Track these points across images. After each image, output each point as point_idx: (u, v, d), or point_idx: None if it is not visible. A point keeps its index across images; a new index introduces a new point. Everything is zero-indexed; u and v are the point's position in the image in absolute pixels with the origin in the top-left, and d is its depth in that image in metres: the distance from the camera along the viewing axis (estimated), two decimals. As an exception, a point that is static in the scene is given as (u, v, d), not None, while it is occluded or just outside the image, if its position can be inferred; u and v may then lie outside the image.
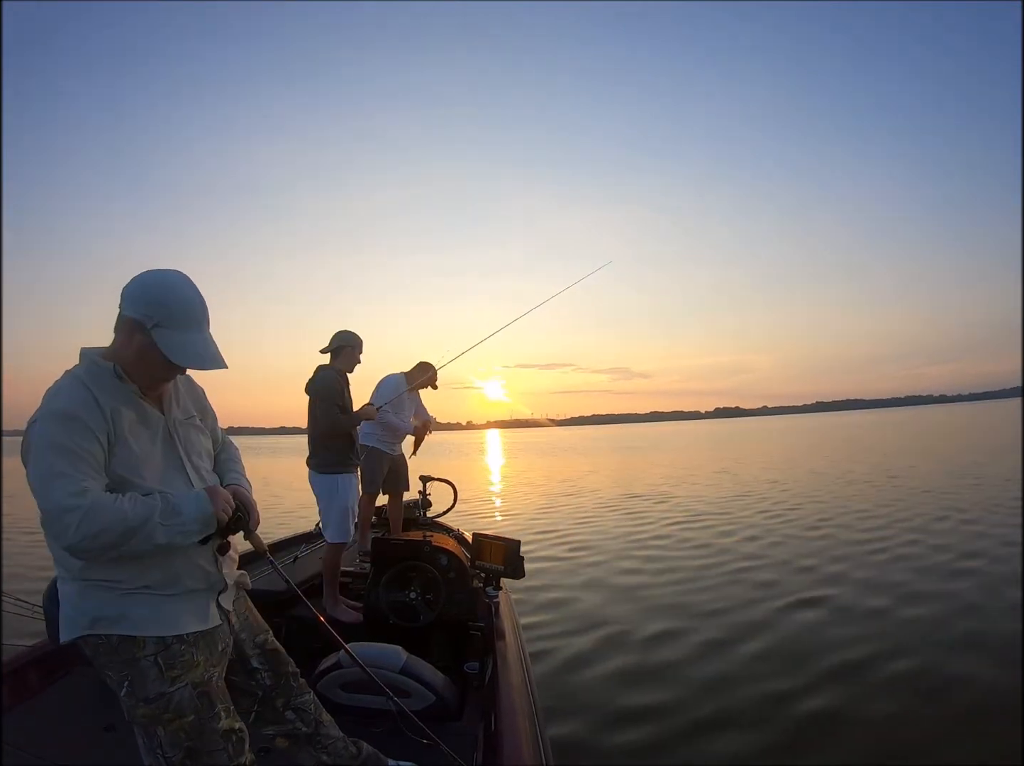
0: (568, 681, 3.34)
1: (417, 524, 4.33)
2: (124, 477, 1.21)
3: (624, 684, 3.29)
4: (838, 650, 3.60)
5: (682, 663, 3.55)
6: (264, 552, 1.44)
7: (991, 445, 18.94)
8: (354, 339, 3.19)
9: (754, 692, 3.14)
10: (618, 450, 32.11)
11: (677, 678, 3.35)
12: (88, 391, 1.20)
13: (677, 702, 3.07)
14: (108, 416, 1.21)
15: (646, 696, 3.15)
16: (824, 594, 4.69)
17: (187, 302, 1.26)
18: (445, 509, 4.62)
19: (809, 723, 2.83)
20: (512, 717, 1.81)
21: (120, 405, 1.24)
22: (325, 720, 1.62)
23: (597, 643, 3.91)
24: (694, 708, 3.01)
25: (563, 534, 7.75)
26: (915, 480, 11.07)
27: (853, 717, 2.87)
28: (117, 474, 1.20)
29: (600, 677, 3.38)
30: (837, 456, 18.54)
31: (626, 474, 16.83)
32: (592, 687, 3.26)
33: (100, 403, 1.20)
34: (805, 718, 2.87)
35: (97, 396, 1.21)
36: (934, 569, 5.26)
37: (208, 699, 1.28)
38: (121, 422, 1.23)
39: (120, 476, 1.21)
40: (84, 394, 1.20)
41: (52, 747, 1.89)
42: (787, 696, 3.08)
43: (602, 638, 3.99)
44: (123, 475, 1.21)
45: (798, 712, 2.92)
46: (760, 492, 10.84)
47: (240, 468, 1.55)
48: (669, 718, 2.92)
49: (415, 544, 2.85)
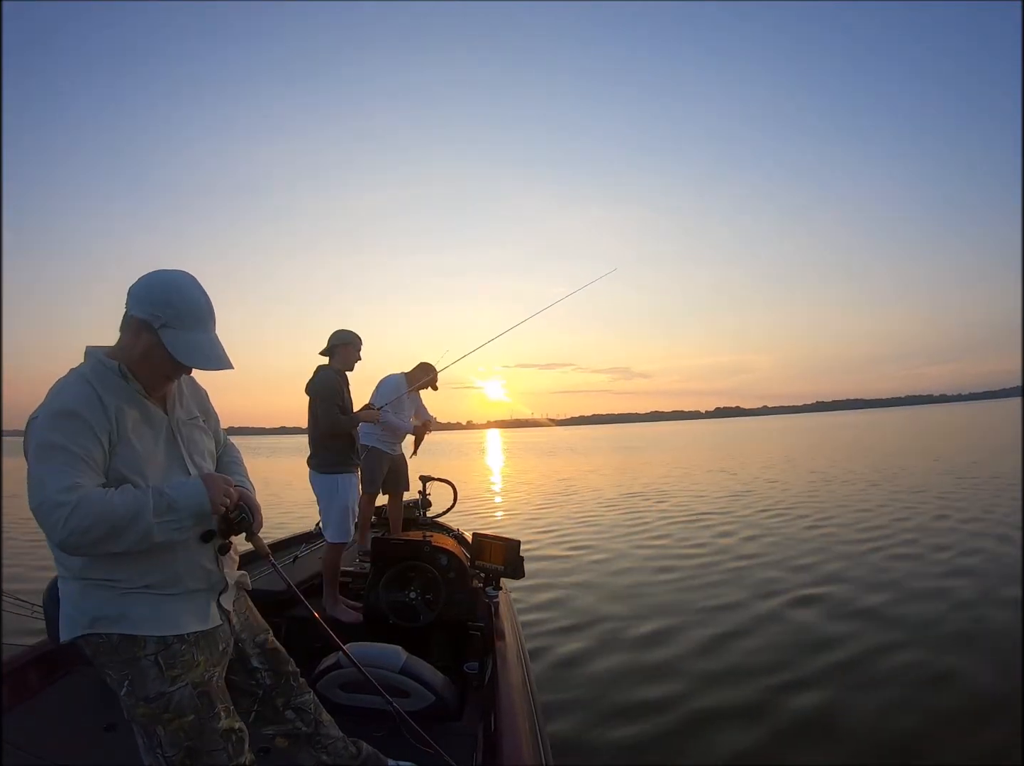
0: (568, 681, 3.34)
1: (417, 524, 4.32)
2: (126, 476, 1.21)
3: (624, 683, 3.29)
4: (836, 647, 3.61)
5: (681, 661, 3.55)
6: (266, 554, 1.44)
7: (991, 445, 18.95)
8: (351, 337, 3.18)
9: (753, 689, 3.14)
10: (618, 450, 32.11)
11: (677, 676, 3.35)
12: (92, 389, 1.21)
13: (677, 700, 3.08)
14: (112, 415, 1.21)
15: (646, 694, 3.15)
16: (821, 592, 4.69)
17: (194, 303, 1.27)
18: (445, 509, 4.62)
19: (805, 718, 2.85)
20: (512, 717, 1.81)
21: (124, 404, 1.24)
22: (325, 720, 1.62)
23: (597, 642, 3.91)
24: (694, 706, 3.01)
25: (563, 533, 7.75)
26: (913, 479, 11.08)
27: (846, 713, 2.88)
28: (119, 473, 1.20)
29: (600, 676, 3.39)
30: (836, 456, 18.56)
31: (626, 473, 16.82)
32: (592, 686, 3.26)
33: (104, 401, 1.20)
34: (801, 714, 2.88)
35: (101, 394, 1.21)
36: (932, 566, 5.27)
37: (208, 699, 1.28)
38: (125, 421, 1.23)
39: (122, 475, 1.21)
40: (88, 391, 1.20)
41: (52, 747, 1.89)
42: (784, 691, 3.09)
43: (602, 637, 3.99)
44: (125, 474, 1.21)
45: (795, 707, 2.94)
46: (759, 491, 10.84)
47: (243, 470, 1.56)
48: (669, 716, 2.93)
49: (415, 544, 2.85)
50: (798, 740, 2.69)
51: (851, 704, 2.96)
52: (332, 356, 3.17)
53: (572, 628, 4.18)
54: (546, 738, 1.87)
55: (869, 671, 3.31)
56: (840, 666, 3.38)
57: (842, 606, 4.38)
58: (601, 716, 2.94)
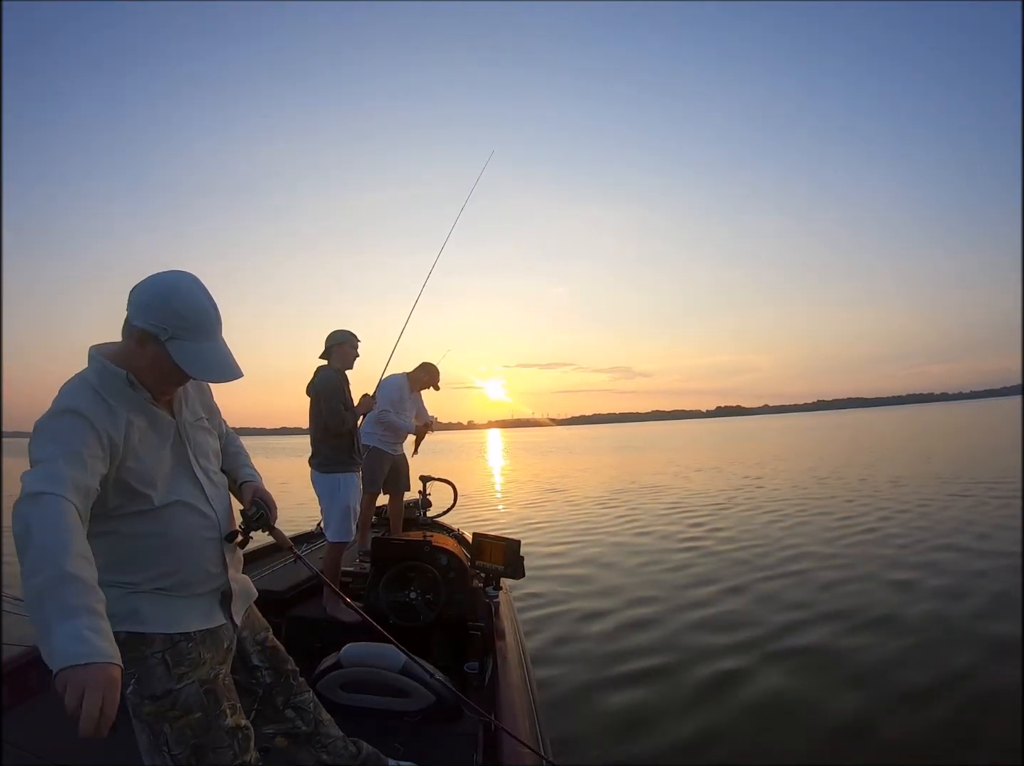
0: (568, 680, 3.34)
1: (417, 524, 4.33)
2: (137, 489, 1.20)
3: (624, 681, 3.29)
4: (831, 642, 3.62)
5: (681, 659, 3.55)
6: (289, 546, 1.48)
7: (991, 444, 18.95)
8: (346, 336, 3.18)
9: (754, 690, 3.14)
10: (618, 450, 32.12)
11: (677, 674, 3.35)
12: (100, 397, 1.19)
13: (677, 699, 3.08)
14: (121, 425, 1.19)
15: (646, 693, 3.15)
16: (821, 588, 4.70)
17: (201, 312, 1.22)
18: (445, 509, 4.62)
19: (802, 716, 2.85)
20: (512, 717, 1.81)
21: (132, 414, 1.22)
22: (325, 719, 1.62)
23: (597, 640, 3.91)
24: (693, 705, 3.01)
25: (562, 533, 7.76)
26: (912, 476, 11.09)
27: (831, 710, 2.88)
28: (129, 486, 1.19)
29: (600, 675, 3.38)
30: (836, 456, 18.56)
31: (626, 473, 16.82)
32: (592, 685, 3.26)
33: (114, 410, 1.19)
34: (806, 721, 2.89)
35: (112, 404, 1.19)
36: (928, 565, 5.28)
37: (214, 696, 1.28)
38: (133, 433, 1.21)
39: (132, 487, 1.20)
40: (96, 399, 1.18)
41: (52, 747, 1.88)
42: (785, 699, 3.08)
43: (602, 636, 3.99)
44: (136, 487, 1.20)
45: (799, 715, 2.94)
46: (757, 490, 10.85)
47: (248, 460, 1.57)
48: (669, 714, 2.93)
49: (415, 544, 2.85)
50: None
51: (837, 702, 2.97)
52: (330, 357, 3.18)
53: (572, 627, 4.18)
54: (546, 738, 1.87)
55: (856, 666, 3.32)
56: (830, 662, 3.41)
57: (840, 604, 4.39)
58: (602, 716, 2.94)
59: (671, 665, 3.50)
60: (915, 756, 2.56)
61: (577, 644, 3.89)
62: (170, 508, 1.26)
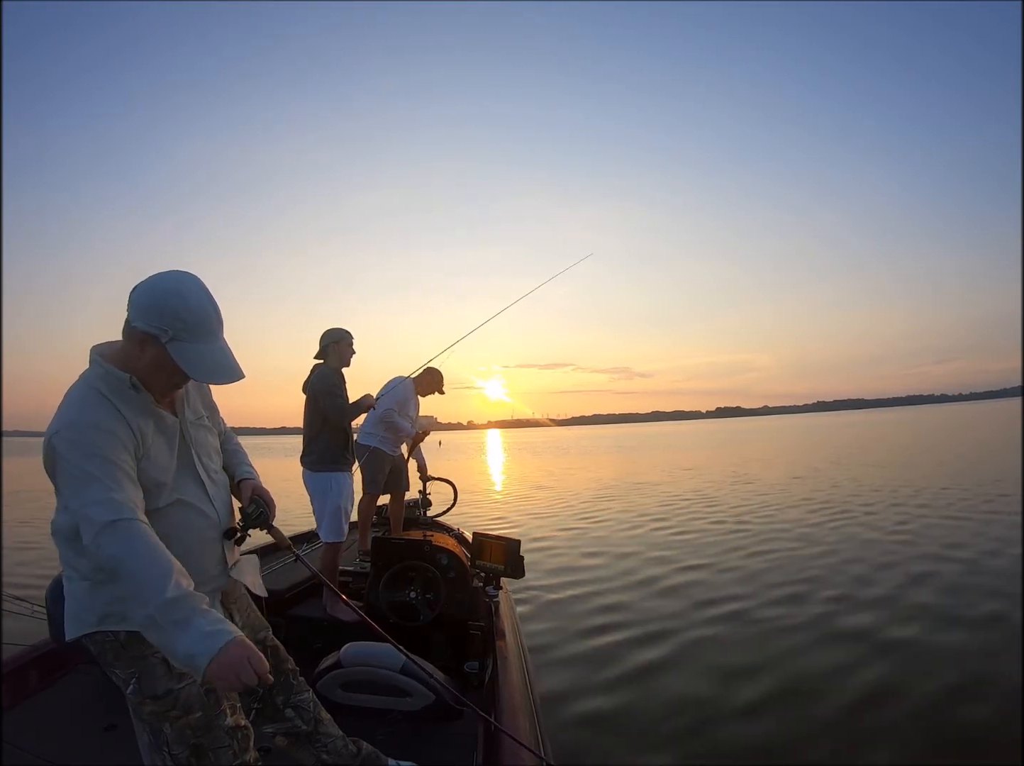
0: (569, 680, 3.34)
1: (417, 524, 4.33)
2: (146, 488, 1.21)
3: (624, 681, 3.29)
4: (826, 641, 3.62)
5: (680, 659, 3.55)
6: (288, 546, 1.48)
7: (991, 445, 18.97)
8: (340, 333, 3.16)
9: (755, 691, 3.14)
10: (618, 449, 32.10)
11: (676, 674, 3.35)
12: (111, 404, 1.19)
13: (677, 698, 3.07)
14: (136, 430, 1.20)
15: (646, 692, 3.14)
16: (817, 587, 4.70)
17: (202, 313, 1.21)
18: (445, 509, 4.62)
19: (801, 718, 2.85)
20: (512, 717, 1.81)
21: (140, 418, 1.23)
22: (324, 718, 1.62)
23: (597, 640, 3.91)
24: (693, 703, 3.01)
25: (562, 532, 7.75)
26: (911, 477, 11.09)
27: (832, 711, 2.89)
28: (140, 486, 1.20)
29: (600, 675, 3.38)
30: (834, 456, 18.57)
31: (625, 473, 16.83)
32: (592, 685, 3.26)
33: (127, 418, 1.20)
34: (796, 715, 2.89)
35: (122, 411, 1.20)
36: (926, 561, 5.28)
37: (215, 696, 1.28)
38: (146, 437, 1.23)
39: (143, 487, 1.20)
40: (109, 407, 1.19)
41: (52, 747, 1.88)
42: (784, 699, 3.08)
43: (602, 636, 3.98)
44: (146, 486, 1.21)
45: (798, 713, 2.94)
46: (757, 490, 10.85)
47: (246, 458, 1.58)
48: (669, 713, 2.92)
49: (415, 544, 2.85)
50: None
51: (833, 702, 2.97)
52: (327, 355, 3.17)
53: (572, 627, 4.17)
54: (546, 738, 1.87)
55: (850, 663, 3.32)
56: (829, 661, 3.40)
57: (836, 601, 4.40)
58: (602, 716, 2.93)
59: (671, 665, 3.50)
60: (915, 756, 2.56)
61: (577, 644, 3.89)
62: (173, 508, 1.27)
